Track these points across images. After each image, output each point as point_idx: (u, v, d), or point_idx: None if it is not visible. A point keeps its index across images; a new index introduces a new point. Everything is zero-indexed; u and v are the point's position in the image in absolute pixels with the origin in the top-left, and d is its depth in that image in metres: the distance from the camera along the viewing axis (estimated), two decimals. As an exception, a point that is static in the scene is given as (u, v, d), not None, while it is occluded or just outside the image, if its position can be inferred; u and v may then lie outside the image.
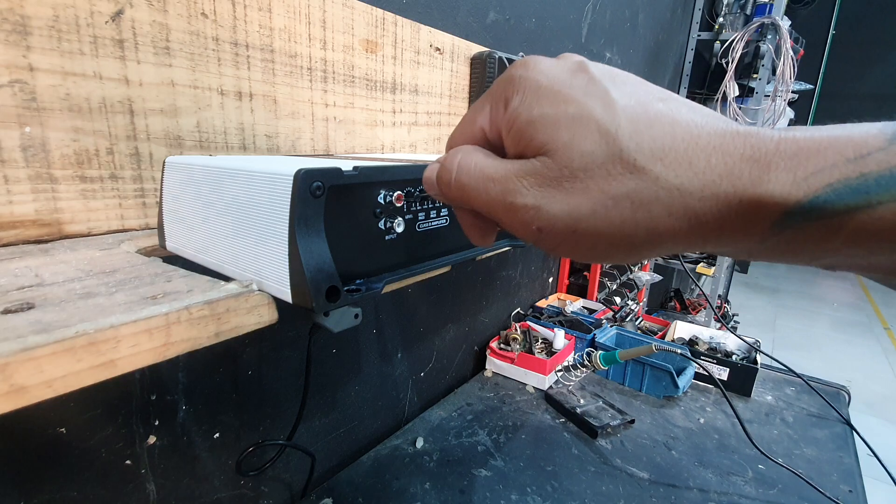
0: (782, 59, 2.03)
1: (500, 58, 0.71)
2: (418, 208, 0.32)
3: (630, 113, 0.19)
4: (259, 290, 0.26)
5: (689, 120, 0.19)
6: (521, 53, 0.78)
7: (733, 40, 2.06)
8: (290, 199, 0.24)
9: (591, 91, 0.20)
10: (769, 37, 2.04)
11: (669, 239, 0.19)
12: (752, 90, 2.16)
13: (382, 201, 0.30)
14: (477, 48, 0.72)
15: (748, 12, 2.16)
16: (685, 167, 0.19)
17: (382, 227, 0.30)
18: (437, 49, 0.66)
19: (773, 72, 2.11)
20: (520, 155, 0.21)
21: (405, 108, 0.63)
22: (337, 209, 0.27)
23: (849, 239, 0.17)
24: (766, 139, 0.18)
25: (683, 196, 0.19)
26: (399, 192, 0.30)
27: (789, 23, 2.12)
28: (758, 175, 0.18)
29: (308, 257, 0.24)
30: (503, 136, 0.22)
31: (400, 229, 0.31)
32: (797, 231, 0.18)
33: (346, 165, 0.27)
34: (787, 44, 2.01)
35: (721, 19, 2.21)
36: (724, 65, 2.11)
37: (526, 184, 0.20)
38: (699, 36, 2.25)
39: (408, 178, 0.31)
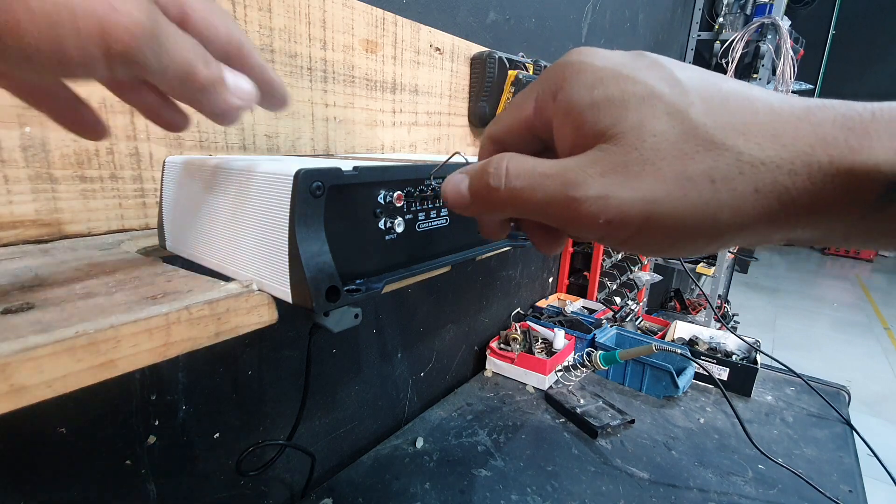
0: (782, 59, 2.03)
1: (500, 58, 0.71)
2: (418, 208, 0.32)
3: (701, 90, 0.18)
4: (259, 290, 0.26)
5: (766, 96, 0.18)
6: (520, 53, 0.78)
7: (733, 40, 2.06)
8: (290, 199, 0.24)
9: (657, 72, 0.19)
10: (769, 37, 2.04)
11: (757, 219, 0.17)
12: (752, 90, 2.16)
13: (382, 201, 0.30)
14: (477, 48, 0.72)
15: (748, 12, 2.17)
16: (770, 139, 0.17)
17: (382, 227, 0.30)
18: (437, 49, 0.66)
19: (773, 72, 2.11)
20: (575, 147, 0.20)
21: (405, 108, 0.63)
22: (337, 209, 0.27)
23: None
24: (859, 108, 0.17)
25: (770, 170, 0.17)
26: (399, 192, 0.30)
27: (789, 23, 2.12)
28: (857, 143, 0.16)
29: (308, 257, 0.24)
30: (555, 127, 0.21)
31: (400, 229, 0.31)
32: None
33: (346, 165, 0.27)
34: (787, 44, 2.01)
35: (721, 19, 2.21)
36: (724, 65, 2.11)
37: (590, 173, 0.19)
38: (699, 36, 2.25)
39: (408, 177, 0.31)
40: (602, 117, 0.19)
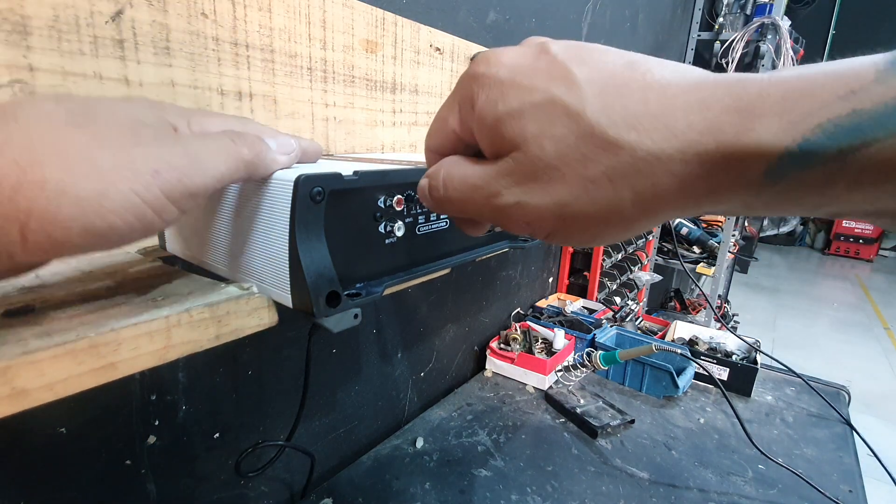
0: (782, 59, 2.03)
1: (500, 58, 0.71)
2: (418, 211, 0.32)
3: (596, 87, 0.18)
4: (259, 293, 0.26)
5: (662, 79, 0.18)
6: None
7: (733, 40, 2.06)
8: (290, 205, 0.24)
9: (554, 73, 0.19)
10: (769, 37, 2.04)
11: (660, 208, 0.19)
12: (752, 90, 2.16)
13: (383, 205, 0.30)
14: (477, 48, 0.72)
15: (748, 12, 2.16)
16: (662, 131, 0.17)
17: (383, 231, 0.30)
18: (437, 49, 0.66)
19: (774, 72, 2.10)
20: (495, 154, 0.21)
21: (405, 108, 0.63)
22: (337, 213, 0.27)
23: (851, 183, 0.16)
24: (751, 84, 0.17)
25: (664, 162, 0.17)
26: (399, 196, 0.30)
27: (789, 23, 2.12)
28: (742, 125, 0.17)
29: (309, 262, 0.24)
30: (476, 135, 0.21)
31: (400, 233, 0.31)
32: (793, 180, 0.17)
33: (347, 170, 0.27)
34: (787, 44, 2.01)
35: (721, 19, 2.20)
36: (724, 65, 2.11)
37: (505, 183, 0.20)
38: (699, 36, 2.24)
39: (408, 181, 0.31)
40: (508, 129, 0.19)
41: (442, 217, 0.34)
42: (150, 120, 0.21)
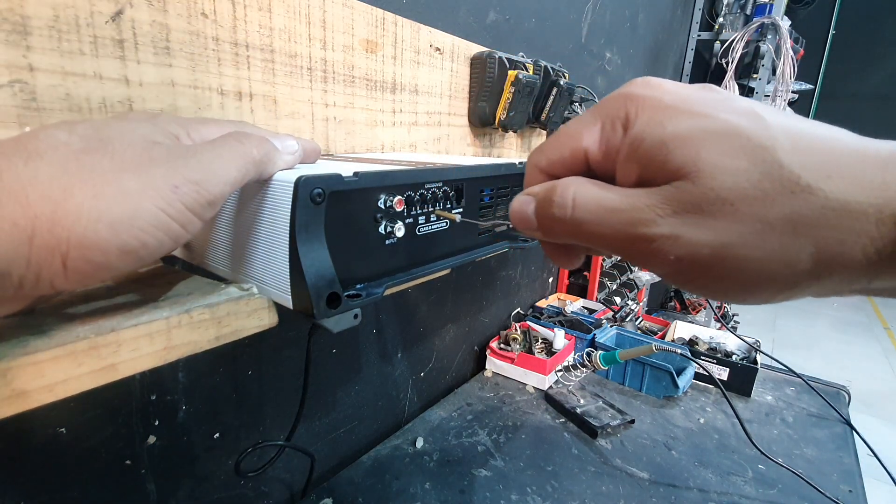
0: (782, 59, 2.03)
1: (500, 58, 0.71)
2: (418, 212, 0.32)
3: (785, 127, 0.17)
4: (259, 294, 0.26)
5: (849, 138, 0.17)
6: (520, 53, 0.77)
7: (733, 40, 2.06)
8: (290, 206, 0.24)
9: (735, 106, 0.18)
10: (769, 37, 2.04)
11: (838, 270, 0.16)
12: (752, 90, 2.16)
13: (383, 206, 0.29)
14: (477, 48, 0.72)
15: (748, 12, 2.16)
16: (857, 184, 0.16)
17: (383, 232, 0.30)
18: (437, 49, 0.66)
19: (773, 72, 2.11)
20: (643, 182, 0.19)
21: (405, 108, 0.63)
22: (337, 214, 0.27)
23: None
24: None
25: (857, 218, 0.16)
26: (399, 197, 0.30)
27: (789, 23, 2.12)
28: None
29: (309, 264, 0.24)
30: (619, 160, 0.20)
31: (400, 234, 0.31)
32: None
33: (347, 171, 0.27)
34: (787, 44, 2.01)
35: (721, 19, 2.20)
36: (724, 65, 2.11)
37: (660, 212, 0.18)
38: (699, 36, 2.24)
39: (408, 182, 0.31)
40: (675, 156, 0.18)
41: (442, 218, 0.35)
42: (158, 136, 0.22)
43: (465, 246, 0.38)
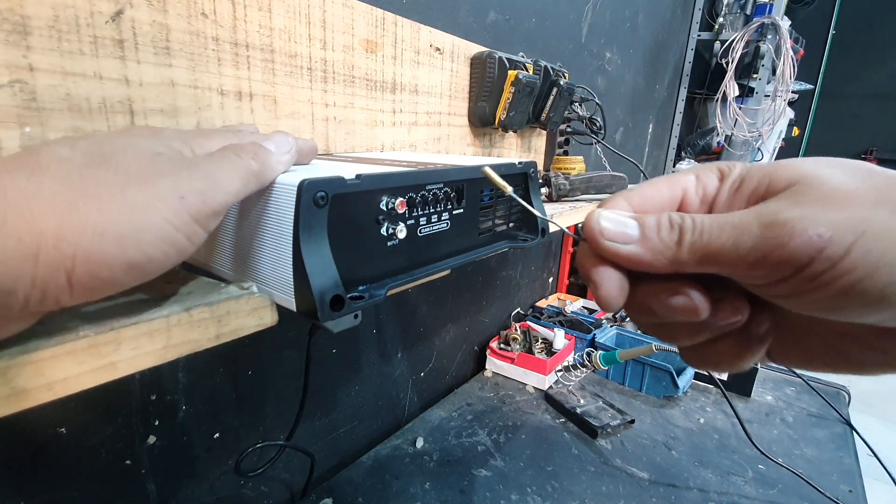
0: (782, 59, 2.03)
1: (500, 58, 0.71)
2: (419, 213, 0.32)
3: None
4: (259, 293, 0.26)
5: None
6: (520, 53, 0.77)
7: (733, 40, 2.06)
8: (294, 210, 0.24)
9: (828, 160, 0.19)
10: (769, 37, 2.04)
11: None
12: (752, 90, 2.16)
13: (385, 208, 0.29)
14: (477, 48, 0.72)
15: (748, 12, 2.16)
16: None
17: (385, 234, 0.30)
18: (437, 49, 0.66)
19: (773, 72, 2.11)
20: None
21: (405, 108, 0.63)
22: (340, 217, 0.27)
23: None
24: None
25: None
26: (401, 199, 0.30)
27: (789, 23, 2.12)
28: None
29: (313, 267, 0.24)
30: (719, 201, 0.21)
31: (402, 235, 0.31)
32: None
33: (349, 173, 0.27)
34: (787, 44, 2.01)
35: (721, 19, 2.20)
36: (724, 65, 2.11)
37: (783, 206, 0.18)
38: (699, 36, 2.24)
39: (409, 183, 0.31)
40: (780, 174, 0.19)
41: (443, 219, 0.34)
42: (160, 149, 0.22)
43: (466, 246, 0.38)
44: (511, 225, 0.43)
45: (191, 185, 0.20)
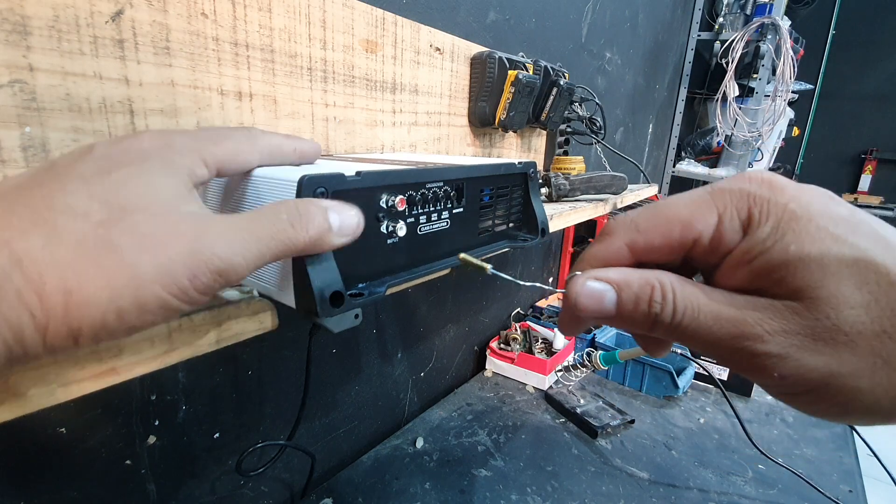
0: (782, 59, 2.03)
1: (500, 58, 0.71)
2: (419, 211, 0.32)
3: None
4: (260, 297, 0.26)
5: None
6: (520, 53, 0.77)
7: (733, 40, 2.06)
8: None
9: (866, 230, 0.17)
10: (769, 37, 2.04)
11: None
12: (752, 90, 2.16)
13: (385, 205, 0.29)
14: (477, 48, 0.72)
15: (748, 12, 2.16)
16: None
17: (385, 231, 0.30)
18: (437, 49, 0.66)
19: (773, 72, 2.11)
20: (750, 289, 0.18)
21: (405, 108, 0.63)
22: None
23: None
24: None
25: None
26: (401, 197, 0.30)
27: (789, 23, 2.12)
28: None
29: (313, 264, 0.24)
30: (729, 261, 0.19)
31: (402, 233, 0.31)
32: None
33: (349, 170, 0.27)
34: (787, 44, 2.01)
35: (721, 19, 2.20)
36: (724, 65, 2.11)
37: (769, 329, 0.17)
38: (699, 36, 2.24)
39: (409, 181, 0.31)
40: (798, 276, 0.17)
41: (443, 217, 0.34)
42: (185, 203, 0.20)
43: (466, 246, 0.38)
44: (511, 224, 0.43)
45: (208, 262, 0.18)
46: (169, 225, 0.18)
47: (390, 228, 0.30)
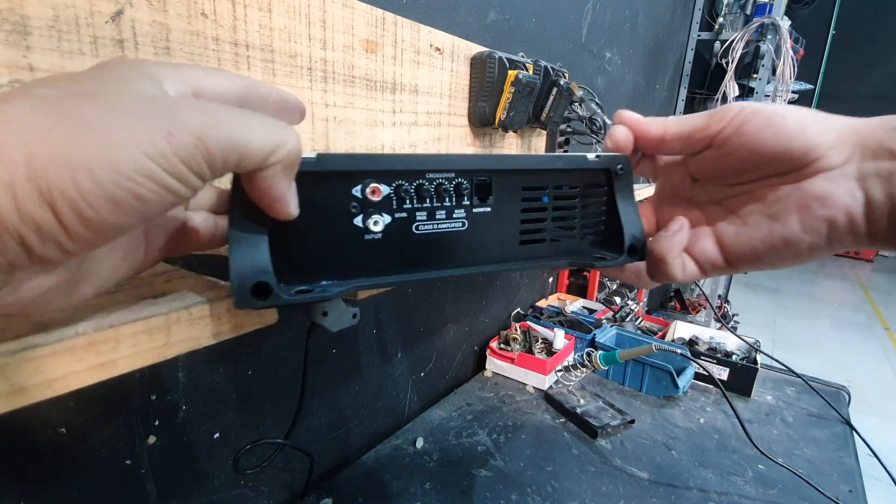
0: (782, 59, 2.03)
1: (500, 58, 0.71)
2: (414, 207, 0.27)
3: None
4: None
5: None
6: (520, 53, 0.78)
7: (733, 40, 2.06)
8: (232, 184, 0.22)
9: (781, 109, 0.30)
10: (769, 37, 2.04)
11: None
12: (752, 90, 2.16)
13: (359, 195, 0.26)
14: (477, 48, 0.72)
15: (748, 12, 2.16)
16: None
17: (360, 225, 0.26)
18: (437, 49, 0.66)
19: (773, 72, 2.11)
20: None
21: (405, 108, 0.63)
22: (301, 200, 0.23)
23: None
24: None
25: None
26: (375, 185, 0.26)
27: (789, 23, 2.12)
28: None
29: (236, 248, 0.22)
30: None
31: (377, 228, 0.26)
32: None
33: (310, 154, 0.24)
34: (787, 44, 2.01)
35: (721, 19, 2.20)
36: (724, 65, 2.11)
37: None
38: (699, 36, 2.24)
39: (388, 168, 0.26)
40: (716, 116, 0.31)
41: (455, 216, 0.29)
42: (156, 91, 0.19)
43: (497, 256, 0.31)
44: (586, 238, 0.34)
45: (187, 122, 0.17)
46: (140, 98, 0.17)
47: (366, 223, 0.26)
